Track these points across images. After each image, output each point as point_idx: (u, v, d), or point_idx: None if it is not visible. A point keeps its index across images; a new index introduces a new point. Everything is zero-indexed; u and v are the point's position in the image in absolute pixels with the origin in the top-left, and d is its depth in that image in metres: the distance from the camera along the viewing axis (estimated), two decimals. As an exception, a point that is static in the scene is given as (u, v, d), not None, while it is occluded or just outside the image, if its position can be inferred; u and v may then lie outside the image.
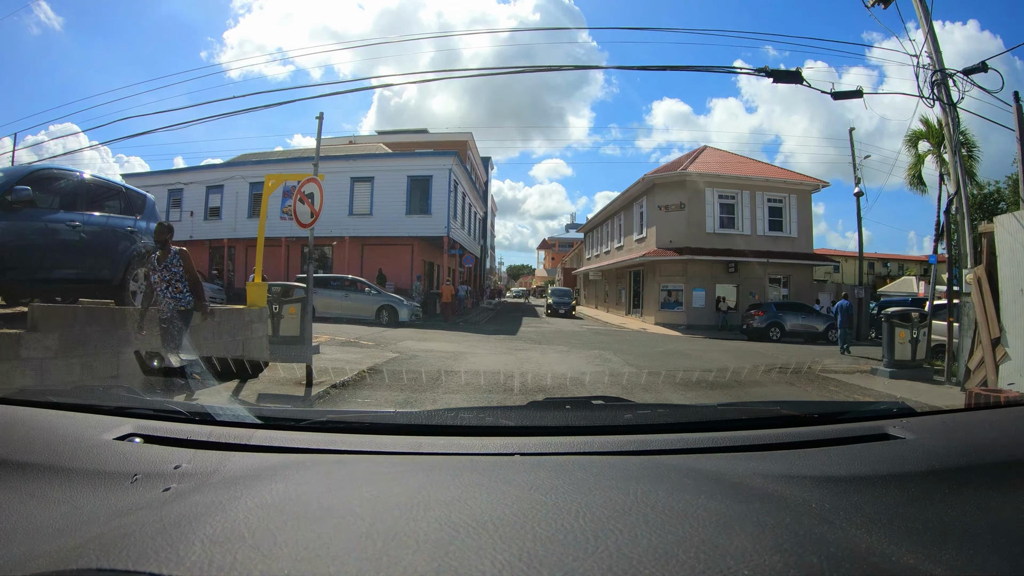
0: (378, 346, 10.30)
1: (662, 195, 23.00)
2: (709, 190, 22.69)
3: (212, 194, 25.77)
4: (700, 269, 21.97)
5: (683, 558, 0.62)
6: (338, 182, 22.28)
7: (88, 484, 0.92)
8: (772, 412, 1.48)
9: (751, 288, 22.60)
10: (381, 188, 21.70)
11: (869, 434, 1.22)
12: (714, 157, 25.37)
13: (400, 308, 16.81)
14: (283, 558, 0.63)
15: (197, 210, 26.05)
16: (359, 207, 22.05)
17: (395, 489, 0.84)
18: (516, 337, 14.25)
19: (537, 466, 0.99)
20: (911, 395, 7.35)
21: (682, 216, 22.45)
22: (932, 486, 0.94)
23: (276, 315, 8.22)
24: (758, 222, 23.17)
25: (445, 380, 7.42)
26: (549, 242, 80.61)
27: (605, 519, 0.72)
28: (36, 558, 0.70)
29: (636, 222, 25.76)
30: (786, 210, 23.59)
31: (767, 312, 18.64)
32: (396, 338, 11.78)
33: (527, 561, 0.61)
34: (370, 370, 7.93)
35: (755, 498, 0.84)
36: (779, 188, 23.58)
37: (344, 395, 6.48)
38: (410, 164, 21.85)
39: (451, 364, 8.72)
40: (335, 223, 21.91)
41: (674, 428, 1.29)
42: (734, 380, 8.12)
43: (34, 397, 1.37)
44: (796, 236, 23.56)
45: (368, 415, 1.70)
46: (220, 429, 1.19)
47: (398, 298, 17.00)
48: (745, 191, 23.06)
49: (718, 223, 22.80)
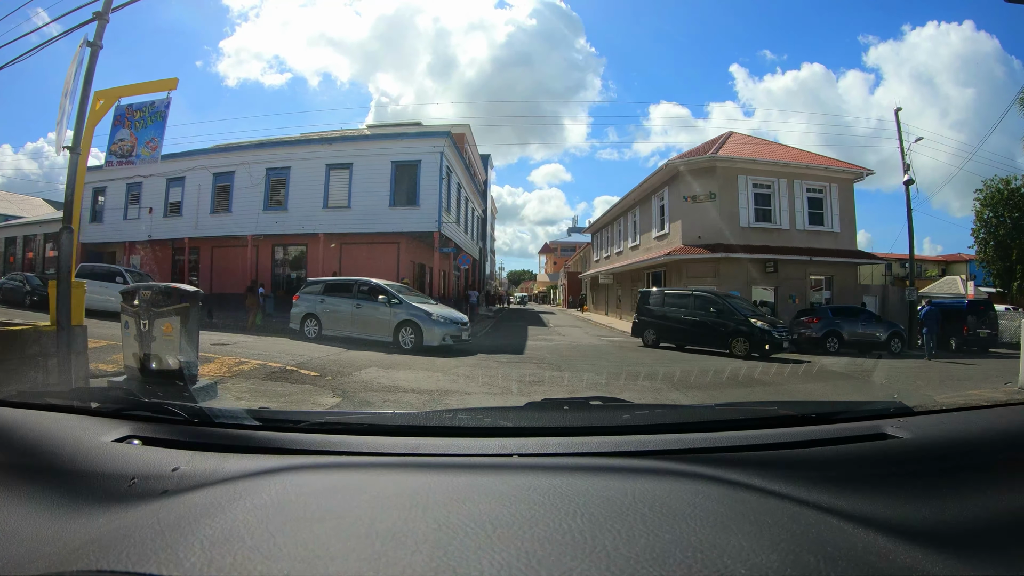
0: (321, 378, 7.07)
1: (688, 184, 19.89)
2: (742, 178, 19.64)
3: (173, 187, 22.55)
4: (734, 269, 18.82)
5: (680, 557, 0.63)
6: (311, 171, 19.18)
7: (87, 486, 0.93)
8: (770, 412, 1.47)
9: (791, 290, 19.53)
10: (361, 176, 18.49)
11: (866, 434, 1.21)
12: (744, 142, 22.33)
13: (427, 326, 10.99)
14: (282, 559, 0.63)
15: (157, 206, 22.88)
16: (336, 199, 18.83)
17: (393, 490, 0.84)
18: (524, 358, 10.78)
19: (535, 467, 1.00)
20: None
21: (712, 208, 19.35)
22: (929, 484, 0.95)
23: (145, 334, 5.17)
24: (797, 215, 20.13)
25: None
26: (551, 246, 78.02)
27: (603, 519, 0.72)
28: (36, 560, 0.72)
29: (656, 217, 22.61)
30: (827, 201, 20.61)
31: (823, 319, 15.51)
32: (360, 364, 8.54)
33: (525, 561, 0.61)
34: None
35: (752, 498, 0.85)
36: (819, 176, 20.59)
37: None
38: (395, 148, 18.60)
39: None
40: (307, 218, 18.79)
41: (672, 429, 1.27)
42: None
43: (32, 399, 1.37)
44: (839, 231, 20.57)
45: (367, 416, 1.59)
46: (219, 431, 1.19)
47: (424, 310, 11.29)
48: (782, 179, 20.01)
49: (753, 216, 19.71)
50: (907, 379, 9.96)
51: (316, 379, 7.00)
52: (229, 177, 21.02)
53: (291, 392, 6.25)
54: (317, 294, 12.44)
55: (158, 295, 5.40)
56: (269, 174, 20.09)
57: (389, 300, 11.57)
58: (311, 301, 12.36)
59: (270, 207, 19.93)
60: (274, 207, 19.91)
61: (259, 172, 20.16)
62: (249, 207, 19.99)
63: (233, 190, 20.81)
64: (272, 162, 20.04)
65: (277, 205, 19.92)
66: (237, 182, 20.68)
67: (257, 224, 19.61)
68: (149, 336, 5.24)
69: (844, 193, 20.90)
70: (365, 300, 11.86)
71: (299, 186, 19.38)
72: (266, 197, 20.08)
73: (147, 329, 5.25)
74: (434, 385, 7.01)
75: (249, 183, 20.34)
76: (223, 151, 21.51)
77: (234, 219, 20.32)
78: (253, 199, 20.08)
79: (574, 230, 59.32)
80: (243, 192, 20.45)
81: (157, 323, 5.26)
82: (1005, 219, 27.38)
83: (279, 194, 20.01)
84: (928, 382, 9.61)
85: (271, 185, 20.15)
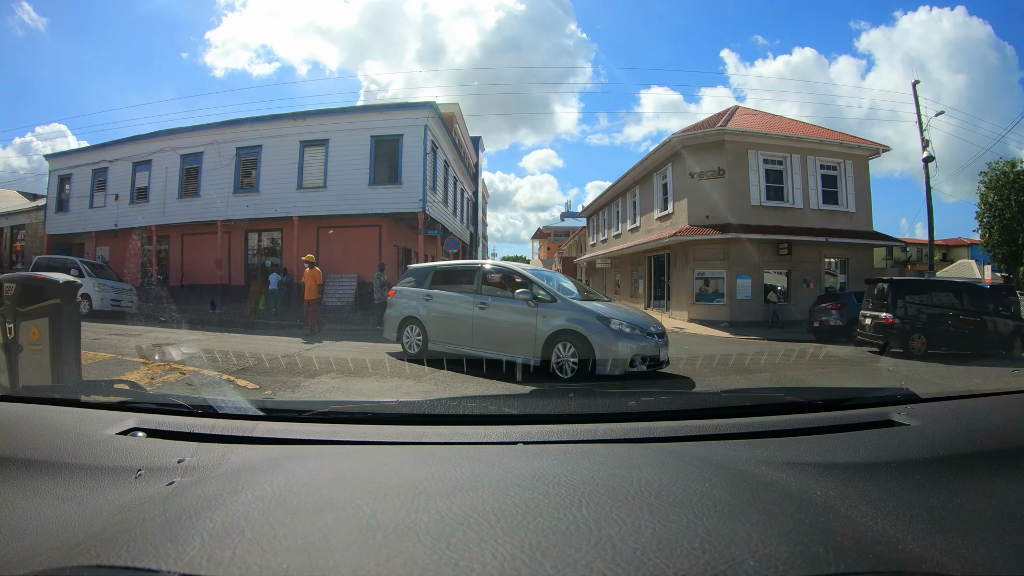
0: (271, 375, 5.56)
1: (693, 160, 18.36)
2: (753, 153, 18.11)
3: (139, 172, 20.87)
4: (745, 251, 17.35)
5: (687, 547, 0.62)
6: (285, 149, 17.54)
7: (91, 480, 0.93)
8: (776, 399, 1.47)
9: (805, 274, 18.17)
10: (338, 153, 16.83)
11: (873, 420, 1.21)
12: (751, 116, 20.81)
13: (602, 339, 6.45)
14: (284, 551, 0.62)
15: (123, 192, 21.20)
16: (311, 178, 17.18)
17: (397, 480, 0.83)
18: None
19: (540, 454, 0.99)
20: None
21: (721, 185, 17.86)
22: (937, 473, 0.94)
23: (10, 343, 3.83)
24: (811, 193, 18.67)
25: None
26: (544, 231, 76.44)
27: (608, 508, 0.72)
28: (40, 554, 0.72)
29: (658, 196, 21.08)
30: (841, 179, 19.15)
31: (847, 304, 14.04)
32: (312, 368, 7.05)
33: (529, 552, 0.61)
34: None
35: (760, 486, 0.84)
36: (834, 152, 19.12)
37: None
38: (374, 121, 16.89)
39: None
40: (280, 200, 17.19)
41: (677, 415, 1.26)
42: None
43: (36, 394, 1.41)
44: (854, 211, 19.13)
45: (371, 405, 1.49)
46: (223, 422, 1.18)
47: (596, 312, 6.77)
48: (795, 155, 18.51)
49: (764, 194, 18.22)
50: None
51: (268, 373, 5.52)
52: (198, 159, 19.34)
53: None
54: (421, 286, 8.22)
55: (23, 290, 3.94)
56: (240, 154, 18.43)
57: (533, 295, 6.97)
58: (412, 298, 8.20)
59: (241, 189, 18.29)
60: (245, 189, 18.27)
61: (229, 152, 18.48)
62: (219, 190, 18.30)
63: (202, 172, 19.15)
64: (242, 140, 18.34)
65: (248, 187, 18.27)
66: (206, 163, 19.01)
67: (227, 208, 17.93)
68: (15, 345, 3.81)
69: (859, 170, 19.45)
70: (496, 296, 7.45)
71: (272, 166, 17.74)
72: (236, 179, 18.44)
73: (12, 336, 3.82)
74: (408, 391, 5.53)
75: (219, 164, 18.66)
76: (191, 130, 19.75)
77: (203, 204, 18.68)
78: (223, 181, 18.42)
79: (567, 215, 57.93)
80: (212, 174, 18.77)
81: (23, 327, 3.83)
82: (1011, 202, 26.42)
83: (250, 175, 18.37)
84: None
85: (242, 165, 18.50)
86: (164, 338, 9.14)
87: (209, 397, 1.30)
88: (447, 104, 26.05)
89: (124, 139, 21.42)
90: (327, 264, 17.37)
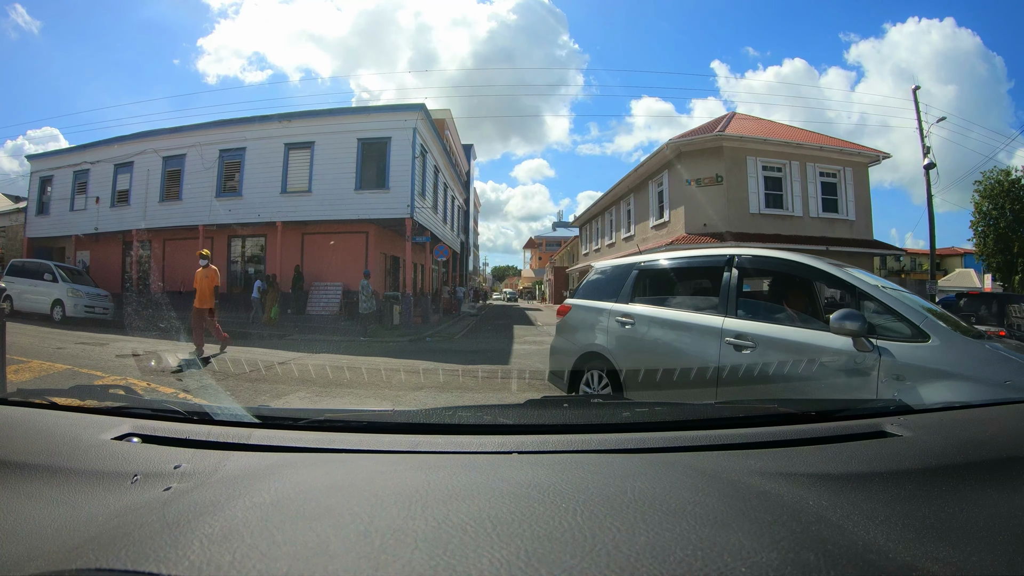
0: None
1: (691, 166, 17.92)
2: (751, 160, 17.69)
3: (121, 174, 20.18)
4: (744, 260, 16.89)
5: (681, 555, 0.62)
6: (269, 151, 16.88)
7: (87, 484, 0.92)
8: (770, 410, 1.46)
9: (805, 284, 17.69)
10: (324, 156, 16.21)
11: (867, 432, 1.20)
12: (748, 122, 20.42)
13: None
14: (282, 557, 0.62)
15: (104, 195, 20.50)
16: (296, 182, 16.52)
17: (394, 487, 0.83)
18: (510, 369, 8.88)
19: (535, 464, 0.99)
20: None
21: (719, 192, 17.40)
22: (929, 483, 0.94)
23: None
24: (810, 201, 18.26)
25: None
26: (535, 241, 76.15)
27: (603, 517, 0.72)
28: (36, 558, 0.71)
29: (653, 204, 20.62)
30: (841, 186, 18.76)
31: (850, 316, 13.62)
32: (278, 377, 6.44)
33: (525, 559, 0.61)
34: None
35: (752, 496, 0.84)
36: (833, 159, 18.73)
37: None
38: (362, 123, 16.26)
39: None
40: (264, 204, 16.54)
41: (672, 426, 1.27)
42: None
43: (32, 398, 1.36)
44: (854, 219, 18.74)
45: (366, 414, 1.48)
46: (219, 428, 1.17)
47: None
48: (794, 161, 18.12)
49: (763, 201, 17.78)
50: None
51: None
52: (180, 161, 18.65)
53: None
54: (615, 299, 4.63)
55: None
56: (223, 156, 17.76)
57: (870, 326, 2.85)
58: (598, 319, 4.70)
59: (224, 193, 17.59)
60: (228, 193, 17.57)
61: (212, 154, 17.81)
62: (201, 194, 17.63)
63: (184, 175, 18.46)
64: (226, 142, 17.68)
65: (232, 191, 17.58)
66: (188, 166, 18.32)
67: (210, 213, 17.26)
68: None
69: (859, 178, 19.09)
70: (773, 318, 3.53)
71: (256, 168, 17.07)
72: (219, 182, 17.74)
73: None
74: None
75: (201, 167, 17.97)
76: (174, 131, 19.09)
77: (184, 208, 17.99)
78: (205, 185, 17.74)
79: (559, 224, 57.59)
80: (195, 177, 18.08)
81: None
82: (1006, 211, 26.27)
83: (233, 179, 17.68)
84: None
85: (225, 168, 17.82)
86: (132, 348, 8.46)
87: (205, 404, 1.30)
88: (438, 110, 25.55)
89: (106, 140, 20.73)
90: (312, 271, 16.77)
